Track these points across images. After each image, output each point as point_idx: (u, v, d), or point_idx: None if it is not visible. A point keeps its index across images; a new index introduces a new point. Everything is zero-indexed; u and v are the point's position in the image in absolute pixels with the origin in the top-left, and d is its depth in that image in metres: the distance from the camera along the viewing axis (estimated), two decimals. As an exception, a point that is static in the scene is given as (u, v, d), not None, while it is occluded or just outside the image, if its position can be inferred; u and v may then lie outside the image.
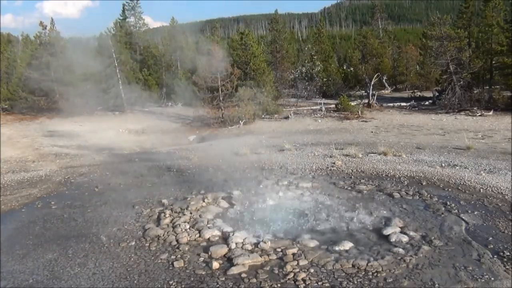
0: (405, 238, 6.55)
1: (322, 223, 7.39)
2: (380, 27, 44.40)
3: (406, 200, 8.53)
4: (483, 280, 5.25)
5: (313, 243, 6.47)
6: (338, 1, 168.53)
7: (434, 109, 24.64)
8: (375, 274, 5.50)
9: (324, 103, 25.76)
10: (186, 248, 6.54)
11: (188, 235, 7.00)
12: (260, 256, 6.11)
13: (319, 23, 43.02)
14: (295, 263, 5.87)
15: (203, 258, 6.17)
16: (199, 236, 6.96)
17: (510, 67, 22.32)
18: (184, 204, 8.59)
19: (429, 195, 8.67)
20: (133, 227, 7.59)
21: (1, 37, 37.74)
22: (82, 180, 11.32)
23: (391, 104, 26.81)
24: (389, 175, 10.43)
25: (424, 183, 9.60)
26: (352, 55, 38.24)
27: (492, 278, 5.28)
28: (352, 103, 25.17)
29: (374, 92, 27.56)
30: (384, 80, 35.12)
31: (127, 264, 6.10)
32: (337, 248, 6.25)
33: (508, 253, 5.90)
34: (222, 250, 6.35)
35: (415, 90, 31.28)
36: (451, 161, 11.43)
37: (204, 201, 8.72)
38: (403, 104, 26.67)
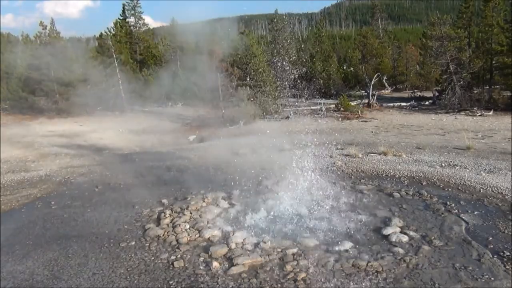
0: (405, 238, 6.54)
1: (322, 223, 7.39)
2: (380, 27, 44.43)
3: (406, 200, 8.53)
4: (483, 280, 5.25)
5: (313, 243, 6.47)
6: (338, 1, 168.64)
7: (434, 109, 24.65)
8: (375, 274, 5.50)
9: (324, 103, 25.76)
10: (186, 248, 6.53)
11: (188, 235, 7.00)
12: (260, 256, 6.11)
13: (319, 23, 43.03)
14: (295, 263, 5.87)
15: (203, 258, 6.17)
16: (199, 236, 6.95)
17: (510, 67, 22.32)
18: (184, 204, 8.59)
19: (429, 195, 8.67)
20: (133, 227, 7.59)
21: (1, 37, 37.70)
22: (82, 180, 11.31)
23: (391, 104, 26.81)
24: (389, 175, 10.43)
25: (424, 183, 9.60)
26: (352, 55, 38.24)
27: (492, 278, 5.28)
28: (352, 103, 25.19)
29: (374, 92, 27.57)
30: (384, 80, 35.12)
31: (127, 264, 6.10)
32: (337, 248, 6.25)
33: (508, 253, 5.90)
34: (222, 250, 6.35)
35: (415, 90, 31.31)
36: (451, 161, 11.43)
37: (204, 201, 8.72)
38: (403, 104, 26.67)
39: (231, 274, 5.66)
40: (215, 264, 5.93)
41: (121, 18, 40.03)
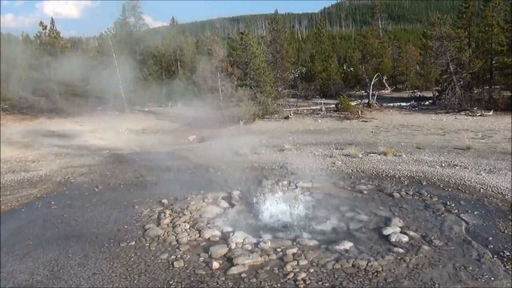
0: (405, 238, 6.55)
1: (322, 223, 7.40)
2: (380, 27, 44.34)
3: (406, 200, 8.53)
4: (483, 280, 5.25)
5: (313, 243, 6.47)
6: (338, 1, 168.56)
7: (434, 109, 24.64)
8: (375, 274, 5.50)
9: (324, 103, 25.75)
10: (186, 248, 6.54)
11: (188, 235, 7.00)
12: (260, 256, 6.12)
13: (319, 23, 43.04)
14: (295, 263, 5.87)
15: (203, 258, 6.18)
16: (199, 236, 6.96)
17: (510, 67, 22.31)
18: (184, 204, 8.59)
19: (429, 195, 8.67)
20: (133, 227, 7.59)
21: (1, 37, 37.70)
22: (82, 180, 11.31)
23: (391, 104, 26.80)
24: (389, 175, 10.43)
25: (424, 183, 9.60)
26: (352, 55, 38.19)
27: (492, 278, 5.28)
28: (352, 103, 25.16)
29: (374, 92, 27.54)
30: (384, 80, 35.11)
31: (127, 264, 6.10)
32: (337, 248, 6.25)
33: (508, 253, 5.90)
34: (222, 250, 6.36)
35: (415, 90, 31.29)
36: (451, 161, 11.43)
37: (204, 201, 8.72)
38: (403, 104, 26.66)
39: (231, 274, 5.66)
40: (215, 264, 5.93)
41: (121, 18, 40.00)
